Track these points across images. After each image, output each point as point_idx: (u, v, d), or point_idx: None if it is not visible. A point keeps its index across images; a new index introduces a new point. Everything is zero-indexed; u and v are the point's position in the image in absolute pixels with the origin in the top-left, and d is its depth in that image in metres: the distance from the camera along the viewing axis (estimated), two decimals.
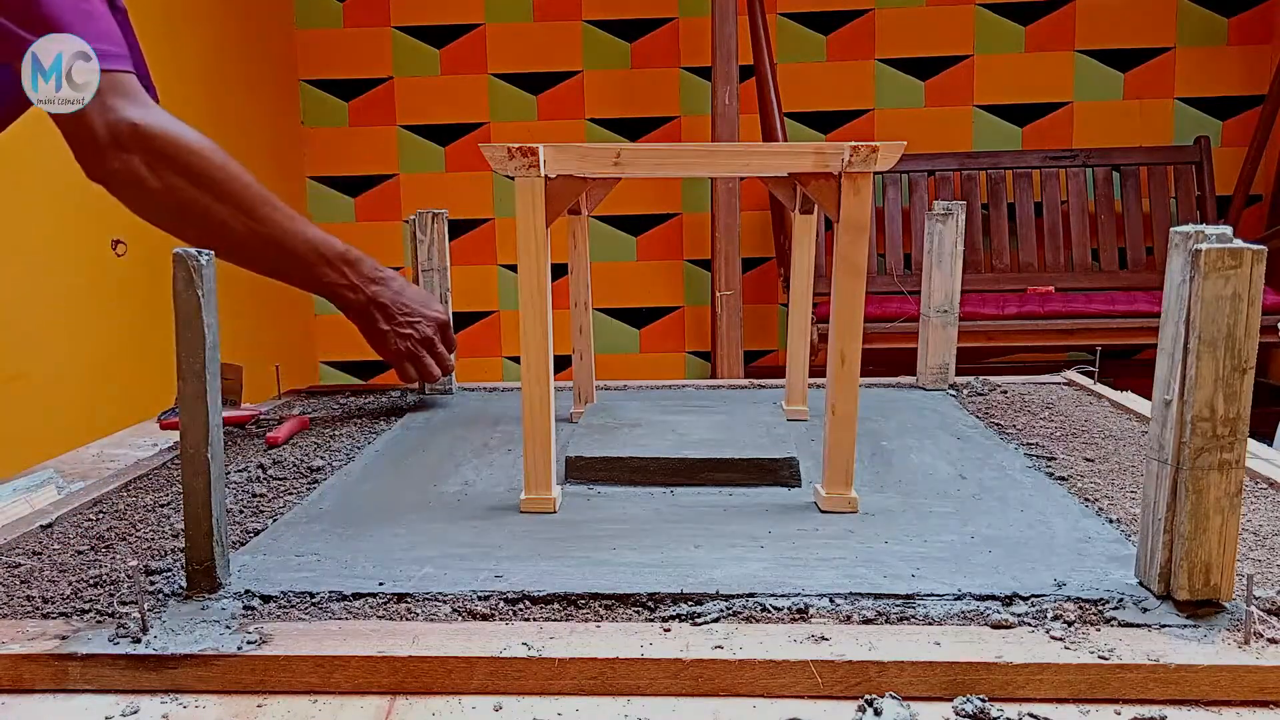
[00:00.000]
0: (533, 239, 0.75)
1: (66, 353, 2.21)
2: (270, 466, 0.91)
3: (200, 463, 0.59)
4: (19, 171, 2.02)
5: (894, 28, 3.34)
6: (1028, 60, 3.33)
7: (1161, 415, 0.56)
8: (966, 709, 0.49)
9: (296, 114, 3.52)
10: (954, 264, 1.20)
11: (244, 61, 3.10)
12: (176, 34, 2.66)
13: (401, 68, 3.48)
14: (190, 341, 0.57)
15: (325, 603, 0.59)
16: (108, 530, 0.75)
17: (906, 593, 0.59)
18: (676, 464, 0.83)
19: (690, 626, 0.56)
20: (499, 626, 0.56)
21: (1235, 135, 3.28)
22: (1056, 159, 3.26)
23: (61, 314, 2.19)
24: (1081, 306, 2.89)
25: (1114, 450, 0.92)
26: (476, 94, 3.46)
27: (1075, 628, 0.54)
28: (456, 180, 3.49)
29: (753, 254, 3.40)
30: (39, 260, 2.13)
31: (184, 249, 0.57)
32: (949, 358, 1.23)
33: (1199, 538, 0.55)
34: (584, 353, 1.08)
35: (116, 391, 2.28)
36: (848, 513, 0.76)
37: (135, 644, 0.54)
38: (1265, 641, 0.52)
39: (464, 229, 3.51)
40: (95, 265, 2.33)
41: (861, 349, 0.76)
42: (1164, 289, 0.56)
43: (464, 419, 1.11)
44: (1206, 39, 3.27)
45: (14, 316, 2.05)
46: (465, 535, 0.71)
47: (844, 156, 0.74)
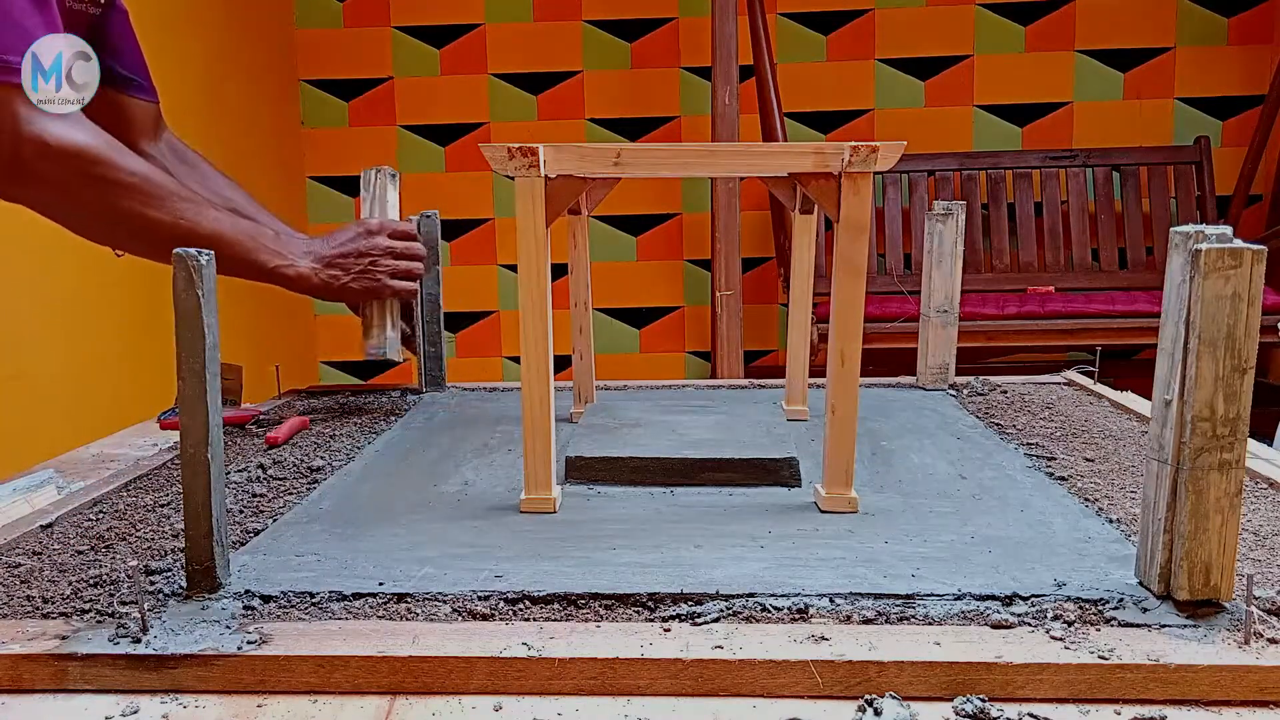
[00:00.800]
0: (533, 239, 0.75)
1: (66, 353, 2.21)
2: (270, 466, 0.91)
3: (200, 463, 0.59)
4: None
5: (894, 28, 3.34)
6: (1028, 60, 3.33)
7: (1161, 415, 0.56)
8: (966, 709, 0.49)
9: (296, 114, 3.52)
10: (954, 264, 1.20)
11: (244, 61, 3.10)
12: (177, 34, 2.66)
13: (401, 68, 3.48)
14: (190, 341, 0.57)
15: (325, 603, 0.59)
16: (108, 530, 0.75)
17: (906, 593, 0.59)
18: (676, 464, 0.83)
19: (690, 626, 0.56)
20: (499, 626, 0.56)
21: (1235, 135, 3.28)
22: (1056, 159, 3.26)
23: (61, 314, 2.19)
24: (1081, 306, 2.89)
25: (1114, 450, 0.92)
26: (476, 94, 3.46)
27: (1075, 628, 0.54)
28: (456, 180, 3.49)
29: (753, 254, 3.40)
30: (39, 260, 2.12)
31: (184, 249, 0.57)
32: (949, 358, 1.23)
33: (1199, 538, 0.55)
34: (584, 353, 1.08)
35: (116, 391, 2.28)
36: (848, 513, 0.76)
37: (135, 644, 0.54)
38: (1265, 641, 0.52)
39: (464, 229, 3.51)
40: (95, 265, 2.33)
41: (861, 349, 0.76)
42: (1164, 289, 0.56)
43: (464, 419, 1.11)
44: (1206, 39, 3.27)
45: (14, 316, 2.05)
46: (465, 535, 0.71)
47: (844, 156, 0.74)
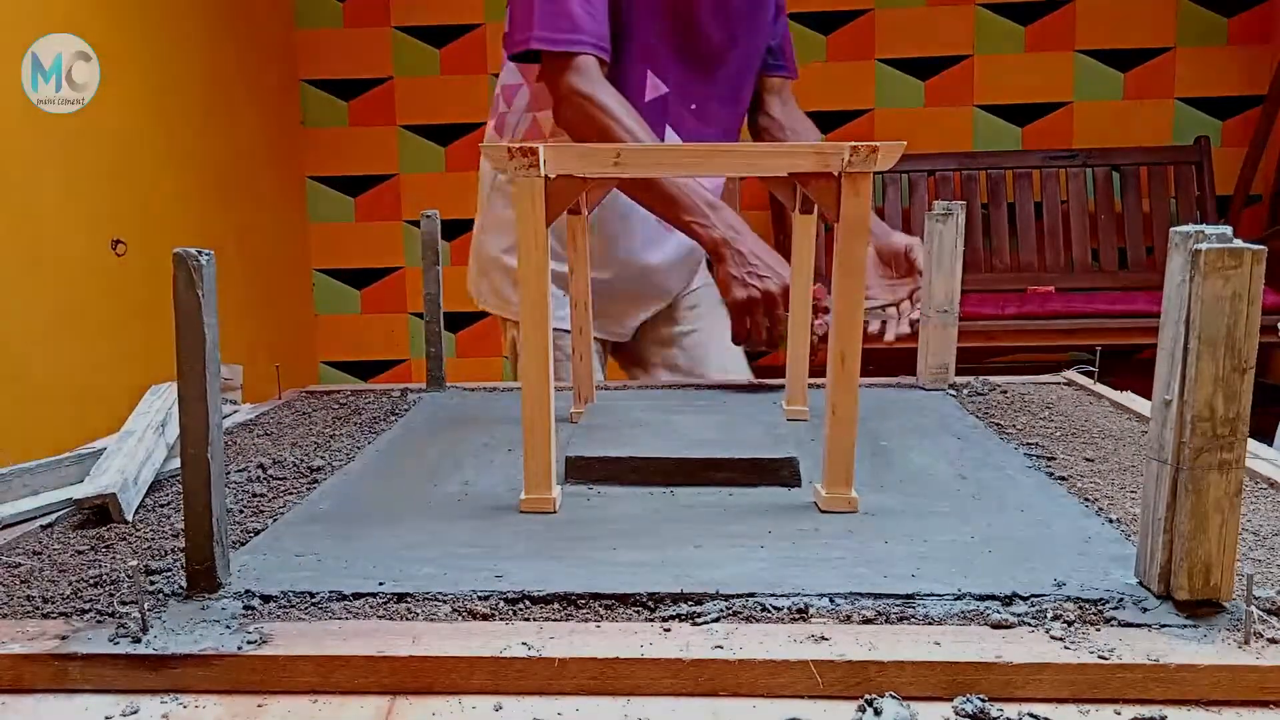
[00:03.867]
0: (533, 239, 0.75)
1: (66, 353, 2.21)
2: (270, 466, 0.91)
3: (200, 463, 0.59)
4: (19, 171, 2.02)
5: (894, 28, 3.34)
6: (1028, 60, 3.33)
7: (1161, 415, 0.56)
8: (966, 709, 0.49)
9: (296, 114, 3.52)
10: (954, 264, 1.20)
11: (244, 61, 3.11)
12: (177, 34, 2.66)
13: (401, 68, 3.48)
14: (190, 341, 0.57)
15: (325, 603, 0.59)
16: (108, 530, 0.75)
17: (906, 593, 0.59)
18: (676, 464, 0.83)
19: (690, 626, 0.56)
20: (499, 626, 0.56)
21: (1235, 135, 3.28)
22: (1056, 159, 3.26)
23: (62, 314, 2.19)
24: (1081, 306, 2.90)
25: (1114, 450, 0.92)
26: (476, 94, 3.46)
27: (1075, 628, 0.54)
28: (456, 180, 3.49)
29: None
30: (39, 260, 2.13)
31: (184, 249, 0.57)
32: (949, 358, 1.23)
33: (1199, 538, 0.55)
34: (584, 353, 1.08)
35: (115, 392, 2.28)
36: (848, 513, 0.76)
37: (135, 644, 0.54)
38: (1265, 641, 0.52)
39: (464, 229, 3.50)
40: (95, 265, 2.33)
41: (861, 349, 0.76)
42: (1164, 289, 0.56)
43: (464, 419, 1.11)
44: (1206, 39, 3.27)
45: (14, 316, 2.05)
46: (465, 535, 0.71)
47: (844, 156, 0.74)
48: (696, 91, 1.39)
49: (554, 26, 1.26)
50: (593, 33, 1.27)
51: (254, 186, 3.17)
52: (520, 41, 1.29)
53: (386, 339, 3.68)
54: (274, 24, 3.39)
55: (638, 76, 1.34)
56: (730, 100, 1.44)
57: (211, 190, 2.85)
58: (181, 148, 2.67)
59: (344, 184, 3.56)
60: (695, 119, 1.40)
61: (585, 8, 1.26)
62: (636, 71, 1.34)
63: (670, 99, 1.36)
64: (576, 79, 1.25)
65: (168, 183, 2.62)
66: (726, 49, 1.39)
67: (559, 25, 1.26)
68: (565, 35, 1.26)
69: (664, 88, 1.35)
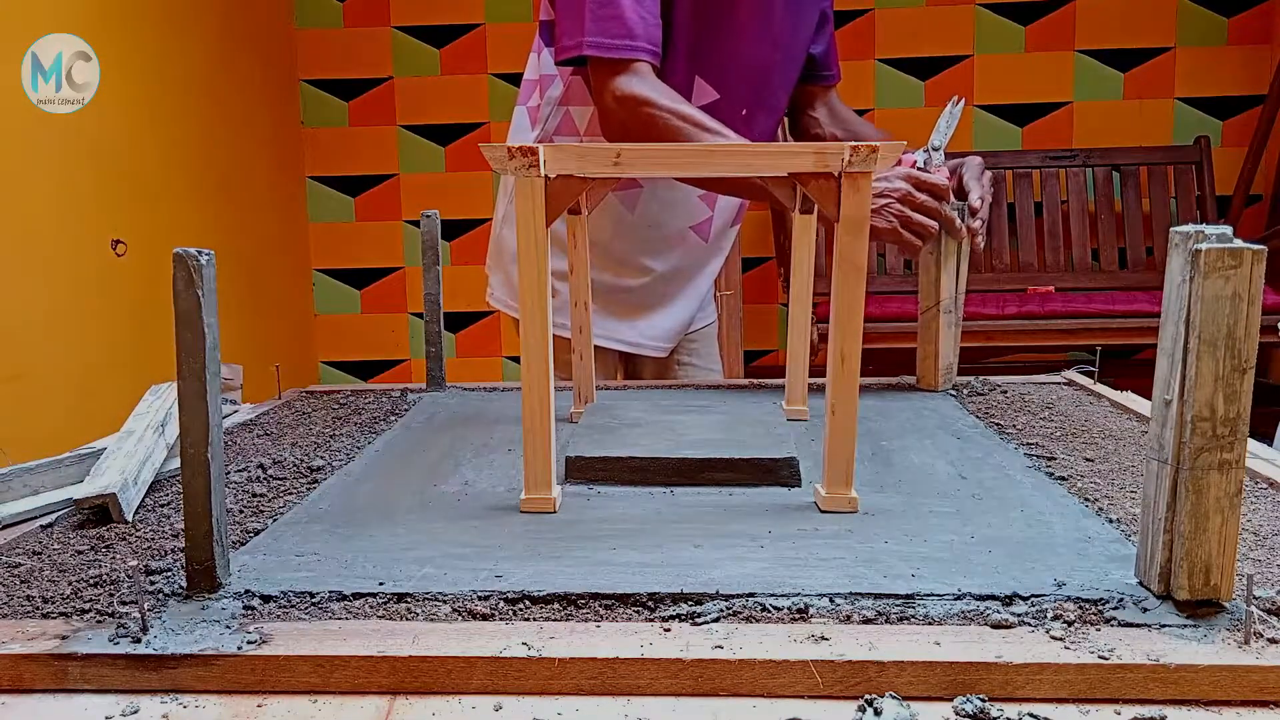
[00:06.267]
0: (533, 239, 0.75)
1: (66, 353, 2.21)
2: (270, 466, 0.91)
3: (200, 463, 0.59)
4: (19, 171, 2.02)
5: (894, 28, 3.34)
6: (1028, 60, 3.33)
7: (1161, 415, 0.56)
8: (966, 709, 0.49)
9: (296, 114, 3.52)
10: (961, 264, 1.20)
11: (244, 61, 3.11)
12: (177, 34, 2.66)
13: (401, 68, 3.48)
14: (190, 341, 0.57)
15: (325, 603, 0.59)
16: (108, 530, 0.75)
17: (906, 593, 0.59)
18: (676, 464, 0.83)
19: (690, 626, 0.56)
20: (499, 626, 0.56)
21: (1235, 135, 3.28)
22: (1056, 159, 3.26)
23: (61, 314, 2.19)
24: (1081, 306, 2.90)
25: (1114, 450, 0.92)
26: (476, 94, 3.46)
27: (1075, 628, 0.54)
28: (456, 180, 3.49)
29: (753, 254, 3.40)
30: (39, 260, 2.13)
31: (184, 249, 0.57)
32: (952, 358, 1.22)
33: (1199, 538, 0.55)
34: (584, 353, 1.08)
35: (115, 392, 2.28)
36: (848, 513, 0.76)
37: (135, 644, 0.54)
38: (1265, 641, 0.52)
39: (464, 229, 3.51)
40: (95, 265, 2.33)
41: (861, 349, 0.76)
42: (1164, 289, 0.56)
43: (464, 419, 1.11)
44: (1206, 39, 3.27)
45: (14, 316, 2.05)
46: (465, 535, 0.71)
47: (844, 156, 0.74)
48: (745, 97, 1.36)
49: (608, 32, 1.20)
50: (647, 37, 1.22)
51: (254, 186, 3.17)
52: (571, 47, 1.23)
53: (386, 339, 3.68)
54: (274, 24, 3.39)
55: (684, 83, 1.30)
56: (773, 108, 1.42)
57: (211, 190, 2.85)
58: (181, 148, 2.67)
59: (344, 184, 3.56)
60: (744, 125, 1.36)
61: (639, 11, 1.21)
62: (683, 78, 1.30)
63: (721, 105, 1.33)
64: (633, 84, 1.20)
65: (167, 183, 2.62)
66: (770, 61, 1.37)
67: (613, 30, 1.20)
68: (620, 41, 1.20)
69: (714, 94, 1.32)
